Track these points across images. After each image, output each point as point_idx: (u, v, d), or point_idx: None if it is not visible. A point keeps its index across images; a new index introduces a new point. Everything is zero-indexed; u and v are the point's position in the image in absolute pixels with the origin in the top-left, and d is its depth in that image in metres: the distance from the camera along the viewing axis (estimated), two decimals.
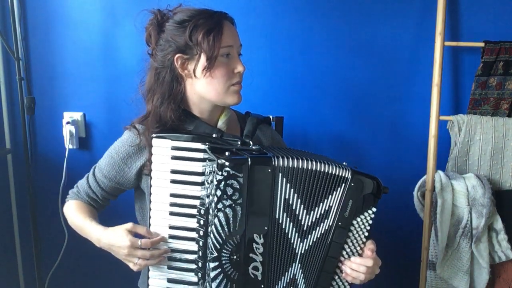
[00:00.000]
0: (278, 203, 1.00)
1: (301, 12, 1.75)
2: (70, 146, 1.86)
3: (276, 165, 0.99)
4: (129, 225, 1.05)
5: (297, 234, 1.02)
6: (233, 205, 0.97)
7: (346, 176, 1.02)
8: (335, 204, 1.03)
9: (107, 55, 1.82)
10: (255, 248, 1.00)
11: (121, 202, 1.33)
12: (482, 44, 1.64)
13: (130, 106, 1.21)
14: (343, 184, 1.02)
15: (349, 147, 1.85)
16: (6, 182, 1.95)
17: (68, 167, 1.82)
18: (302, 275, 1.04)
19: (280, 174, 0.99)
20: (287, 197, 1.00)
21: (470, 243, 1.56)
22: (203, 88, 1.11)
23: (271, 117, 1.57)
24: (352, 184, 1.02)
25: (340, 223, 1.03)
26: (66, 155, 1.84)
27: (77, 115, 1.86)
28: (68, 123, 1.84)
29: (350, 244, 1.04)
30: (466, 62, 1.74)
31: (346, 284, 1.07)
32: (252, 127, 1.19)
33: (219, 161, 0.96)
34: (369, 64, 1.77)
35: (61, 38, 1.83)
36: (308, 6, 1.75)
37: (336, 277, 1.06)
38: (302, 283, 1.04)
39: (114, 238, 1.05)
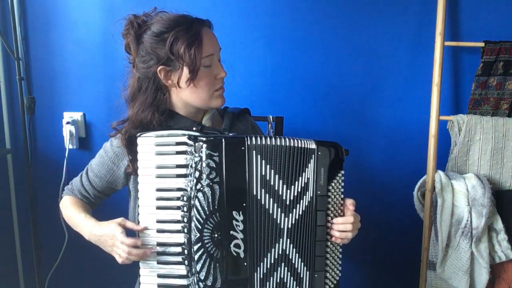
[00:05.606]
0: (254, 180, 1.04)
1: (301, 12, 1.75)
2: (70, 146, 1.86)
3: (249, 143, 1.04)
4: (119, 219, 1.09)
5: (279, 209, 1.05)
6: (211, 184, 1.01)
7: (312, 147, 1.07)
8: (312, 176, 1.06)
9: (107, 55, 1.82)
10: (235, 225, 1.03)
11: (119, 203, 1.33)
12: (482, 44, 1.64)
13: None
14: (313, 155, 1.06)
15: (349, 147, 1.82)
16: (6, 182, 1.95)
17: (68, 167, 1.82)
18: (294, 250, 1.06)
19: (254, 152, 1.04)
20: (263, 173, 1.04)
21: (470, 243, 1.56)
22: (188, 96, 1.15)
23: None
24: (319, 153, 1.06)
25: (319, 192, 1.07)
26: (66, 155, 1.84)
27: (77, 115, 1.86)
28: (68, 123, 1.84)
29: (332, 208, 1.09)
30: (466, 62, 1.73)
31: (338, 246, 1.10)
32: (229, 121, 1.24)
33: (196, 144, 1.01)
34: (369, 64, 1.77)
35: (61, 38, 1.83)
36: (307, 5, 1.75)
37: (329, 243, 1.09)
38: (297, 257, 1.06)
39: (102, 229, 1.08)
